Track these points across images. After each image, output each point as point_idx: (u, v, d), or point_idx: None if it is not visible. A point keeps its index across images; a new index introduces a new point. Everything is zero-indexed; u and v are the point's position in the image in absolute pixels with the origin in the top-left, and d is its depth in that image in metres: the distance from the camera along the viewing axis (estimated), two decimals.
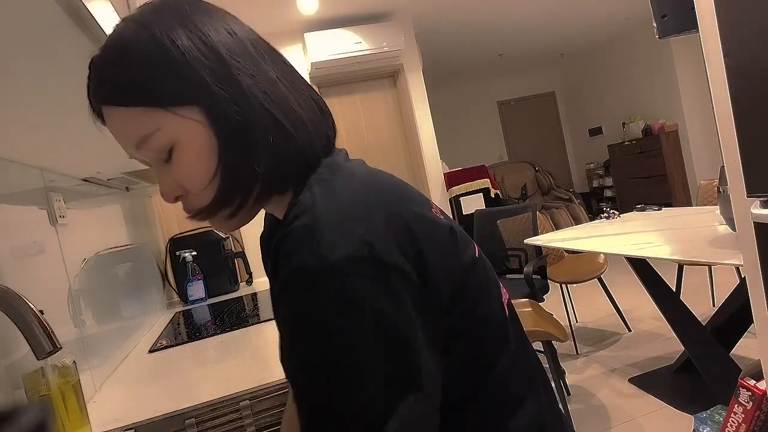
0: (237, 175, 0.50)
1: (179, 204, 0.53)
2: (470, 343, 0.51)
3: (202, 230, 2.39)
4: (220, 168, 0.49)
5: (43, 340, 0.58)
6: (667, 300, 2.27)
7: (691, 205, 4.55)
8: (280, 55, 0.55)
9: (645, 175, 6.05)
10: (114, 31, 0.49)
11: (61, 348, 0.60)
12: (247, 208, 0.52)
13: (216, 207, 0.51)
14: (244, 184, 0.50)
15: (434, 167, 3.88)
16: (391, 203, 0.48)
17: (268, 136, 0.49)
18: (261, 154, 0.49)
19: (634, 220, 2.69)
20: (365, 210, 0.46)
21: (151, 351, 1.45)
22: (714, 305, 3.15)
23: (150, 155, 0.50)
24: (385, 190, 0.49)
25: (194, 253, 2.23)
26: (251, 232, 3.56)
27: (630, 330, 3.14)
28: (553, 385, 1.14)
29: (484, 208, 3.90)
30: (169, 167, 0.50)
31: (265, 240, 0.67)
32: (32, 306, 0.59)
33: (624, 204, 6.15)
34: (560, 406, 0.63)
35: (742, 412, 1.23)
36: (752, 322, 1.03)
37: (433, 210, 0.52)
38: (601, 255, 3.10)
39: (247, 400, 0.95)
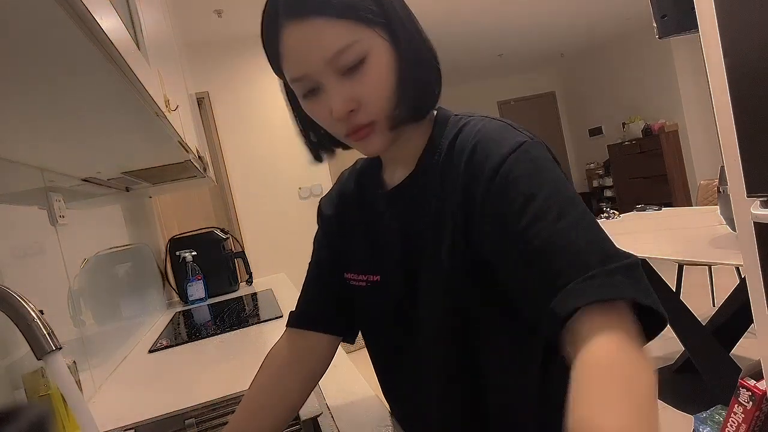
0: (408, 91, 0.58)
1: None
2: None
3: (202, 230, 2.39)
4: (399, 83, 0.57)
5: (43, 340, 0.58)
6: (667, 300, 2.27)
7: (691, 205, 4.55)
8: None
9: (645, 175, 6.04)
10: None
11: (61, 348, 0.60)
12: (402, 128, 0.60)
13: (393, 119, 0.58)
14: (412, 99, 0.58)
15: None
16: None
17: (427, 63, 0.60)
18: (423, 76, 0.59)
19: (634, 220, 2.69)
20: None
21: (151, 351, 1.45)
22: (714, 305, 3.15)
23: (339, 66, 0.55)
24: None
25: (194, 253, 2.23)
26: (251, 232, 3.56)
27: None
28: None
29: None
30: (351, 81, 0.56)
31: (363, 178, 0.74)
32: (32, 306, 0.59)
33: (624, 204, 6.14)
34: None
35: (742, 412, 1.23)
36: (752, 322, 1.03)
37: None
38: None
39: None
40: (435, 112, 0.65)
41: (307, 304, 0.76)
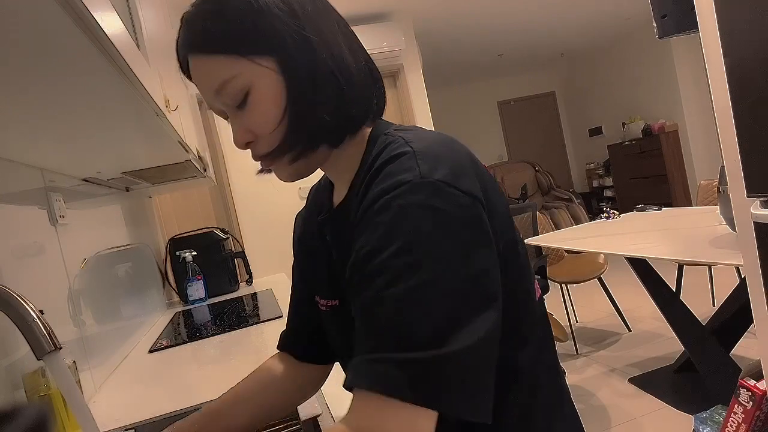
0: (300, 121, 0.55)
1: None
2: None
3: (202, 230, 2.39)
4: (287, 113, 0.55)
5: (43, 340, 0.58)
6: (667, 300, 2.27)
7: (691, 205, 4.55)
8: (346, 24, 0.61)
9: (645, 175, 6.04)
10: None
11: (61, 348, 0.60)
12: (305, 157, 0.58)
13: (281, 150, 0.56)
14: (305, 129, 0.56)
15: None
16: (467, 154, 0.54)
17: (328, 89, 0.55)
18: (321, 103, 0.55)
19: (634, 220, 2.69)
20: (453, 152, 0.52)
21: (151, 351, 1.45)
22: (714, 305, 3.15)
23: (226, 100, 0.56)
24: (459, 144, 0.55)
25: (194, 253, 2.23)
26: (251, 232, 3.56)
27: (630, 330, 3.14)
28: None
29: None
30: (242, 114, 0.56)
31: (316, 192, 0.76)
32: (32, 306, 0.59)
33: (624, 204, 6.14)
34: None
35: (742, 412, 1.23)
36: (752, 322, 1.03)
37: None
38: (601, 255, 3.10)
39: None
40: (371, 128, 0.61)
41: (292, 332, 0.78)
